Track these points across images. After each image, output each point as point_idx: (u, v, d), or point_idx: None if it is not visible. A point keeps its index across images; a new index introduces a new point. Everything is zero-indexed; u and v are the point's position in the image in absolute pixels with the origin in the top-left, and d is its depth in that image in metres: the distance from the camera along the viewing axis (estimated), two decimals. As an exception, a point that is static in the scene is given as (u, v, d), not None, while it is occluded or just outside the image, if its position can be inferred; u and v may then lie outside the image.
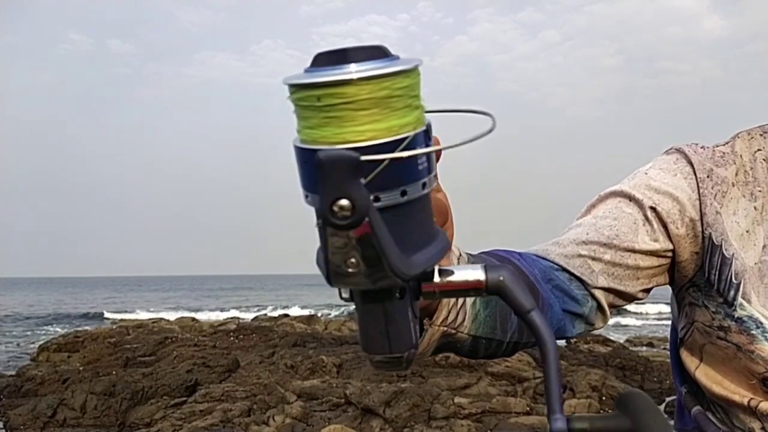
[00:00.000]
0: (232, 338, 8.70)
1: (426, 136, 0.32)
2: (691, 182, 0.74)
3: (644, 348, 10.35)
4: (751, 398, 0.74)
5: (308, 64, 0.31)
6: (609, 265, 0.71)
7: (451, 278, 0.35)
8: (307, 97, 0.30)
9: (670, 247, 0.73)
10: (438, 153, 0.35)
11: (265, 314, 15.92)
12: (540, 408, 5.38)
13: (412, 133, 0.31)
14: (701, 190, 0.73)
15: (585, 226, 0.73)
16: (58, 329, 15.41)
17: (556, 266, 0.70)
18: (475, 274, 0.35)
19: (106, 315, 20.80)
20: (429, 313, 0.49)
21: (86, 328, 12.20)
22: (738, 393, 0.74)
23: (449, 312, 0.50)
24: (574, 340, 8.43)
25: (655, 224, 0.72)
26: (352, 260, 0.30)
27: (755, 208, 0.73)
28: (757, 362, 0.71)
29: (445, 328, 0.50)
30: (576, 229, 0.74)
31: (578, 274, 0.70)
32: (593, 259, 0.70)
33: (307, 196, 0.31)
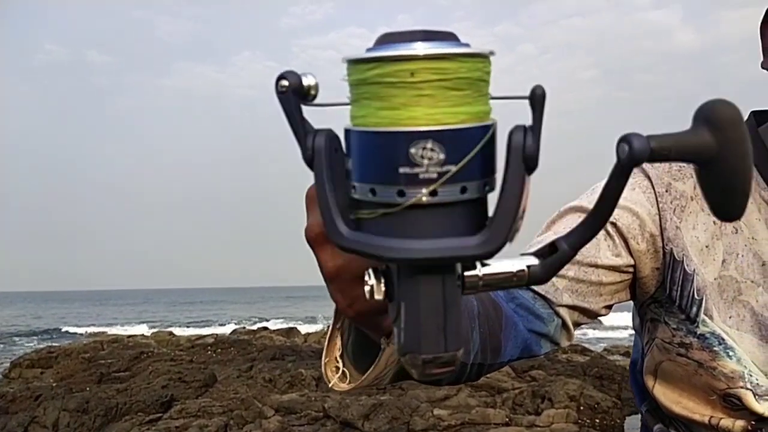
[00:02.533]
0: (209, 352, 8.59)
1: None
2: (650, 197, 0.73)
3: (621, 357, 10.43)
4: (711, 416, 0.74)
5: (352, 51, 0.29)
6: (573, 282, 0.70)
7: (492, 269, 0.33)
8: (397, 71, 0.27)
9: (632, 262, 0.72)
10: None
11: (244, 327, 15.74)
12: (519, 419, 5.38)
13: (495, 122, 0.29)
14: (660, 205, 0.73)
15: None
16: (32, 344, 15.05)
17: None
18: (517, 263, 0.33)
19: (75, 330, 20.28)
20: (387, 332, 0.47)
21: (57, 344, 11.94)
22: (698, 412, 0.74)
23: None
24: (553, 350, 8.44)
25: (617, 239, 0.72)
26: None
27: (714, 222, 0.73)
28: (719, 379, 0.71)
29: None
30: (537, 246, 0.73)
31: (542, 293, 0.69)
32: (557, 276, 0.70)
33: (373, 190, 0.29)
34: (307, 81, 0.31)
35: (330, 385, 0.48)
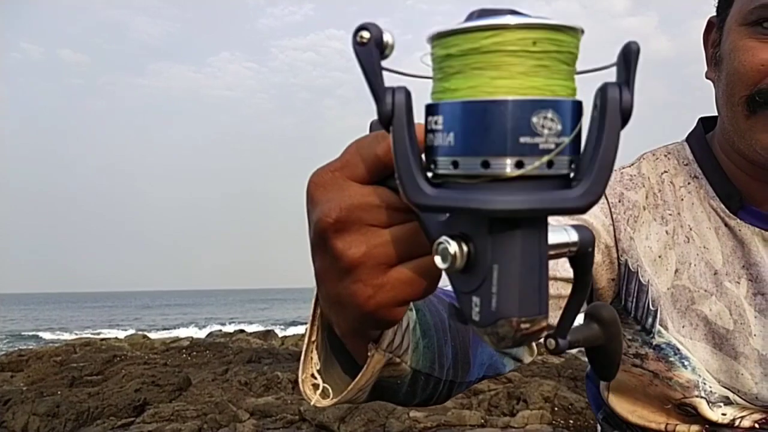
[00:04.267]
0: (184, 355, 8.49)
1: None
2: (603, 208, 0.73)
3: (596, 359, 10.50)
4: (667, 423, 0.74)
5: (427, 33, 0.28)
6: None
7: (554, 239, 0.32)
8: (520, 40, 0.27)
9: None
10: None
11: (220, 330, 15.58)
12: (494, 420, 5.41)
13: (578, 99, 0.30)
14: (614, 216, 0.73)
15: None
16: (1, 347, 14.72)
17: None
18: (567, 235, 0.32)
19: (44, 336, 19.81)
20: (374, 337, 0.45)
21: (30, 346, 11.70)
22: (654, 420, 0.75)
23: (394, 334, 0.46)
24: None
25: None
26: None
27: (666, 231, 0.73)
28: (674, 389, 0.71)
29: (390, 355, 0.46)
30: None
31: None
32: None
33: (486, 163, 0.28)
34: (386, 37, 0.31)
35: (312, 403, 0.45)
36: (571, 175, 0.29)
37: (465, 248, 0.30)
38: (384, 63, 0.31)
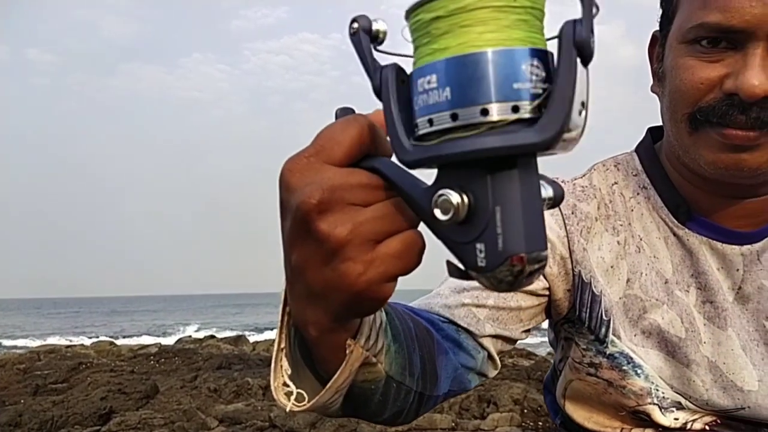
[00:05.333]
0: (152, 362, 8.35)
1: None
2: (558, 219, 0.74)
3: (565, 361, 10.62)
4: (623, 428, 0.76)
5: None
6: (494, 310, 0.70)
7: None
8: None
9: (547, 285, 0.73)
10: None
11: (190, 336, 15.36)
12: (465, 423, 5.44)
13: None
14: (568, 227, 0.74)
15: None
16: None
17: (442, 318, 0.68)
18: (545, 190, 0.35)
19: (6, 343, 19.21)
20: (353, 331, 0.45)
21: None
22: (610, 426, 0.76)
23: (370, 330, 0.46)
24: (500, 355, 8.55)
25: None
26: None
27: (618, 242, 0.75)
28: (628, 397, 0.73)
29: (367, 354, 0.46)
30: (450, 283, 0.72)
31: (465, 325, 0.68)
32: (477, 306, 0.69)
33: (485, 110, 0.30)
34: (376, 26, 0.35)
35: (288, 409, 0.44)
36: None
37: (465, 198, 0.32)
38: (385, 47, 0.35)
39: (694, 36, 0.65)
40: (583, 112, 0.31)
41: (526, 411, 5.96)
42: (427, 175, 0.36)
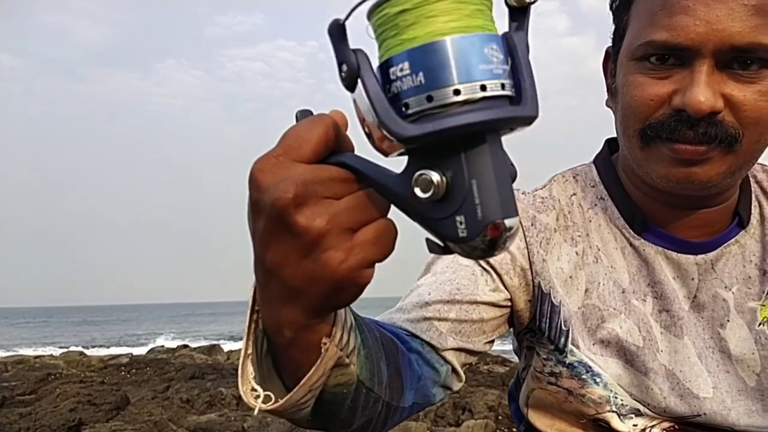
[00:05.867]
0: (123, 373, 8.21)
1: None
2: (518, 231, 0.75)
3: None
4: None
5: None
6: (456, 323, 0.70)
7: None
8: None
9: (508, 296, 0.74)
10: None
11: (162, 346, 15.12)
12: (440, 430, 5.44)
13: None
14: (528, 239, 0.74)
15: (426, 286, 0.72)
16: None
17: (406, 332, 0.68)
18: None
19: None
20: (327, 332, 0.45)
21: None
22: None
23: (343, 330, 0.46)
24: (475, 362, 8.60)
25: (492, 275, 0.72)
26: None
27: (576, 253, 0.75)
28: (588, 405, 0.74)
29: (341, 353, 0.46)
30: (417, 290, 0.72)
31: (428, 339, 0.68)
32: (439, 319, 0.69)
33: (456, 91, 0.33)
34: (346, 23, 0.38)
35: (256, 412, 0.44)
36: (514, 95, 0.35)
37: (443, 176, 0.35)
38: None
39: (643, 53, 0.67)
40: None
41: (500, 418, 5.99)
42: (392, 164, 0.38)
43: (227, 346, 14.27)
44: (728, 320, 0.74)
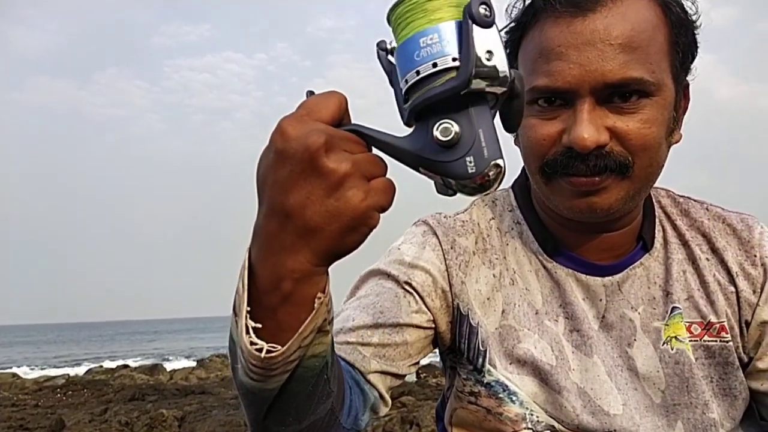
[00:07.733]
0: (59, 395, 7.86)
1: None
2: (438, 254, 0.78)
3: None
4: None
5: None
6: (379, 347, 0.72)
7: None
8: None
9: (431, 317, 0.77)
10: None
11: (101, 366, 14.52)
12: (386, 447, 5.44)
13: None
14: (448, 262, 0.78)
15: (350, 310, 0.75)
16: None
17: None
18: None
19: None
20: (321, 288, 0.48)
21: None
22: None
23: (330, 296, 0.49)
24: (424, 375, 8.62)
25: (416, 297, 0.76)
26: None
27: (494, 275, 0.79)
28: (505, 423, 0.77)
29: (327, 316, 0.49)
30: (342, 314, 0.75)
31: (352, 361, 0.71)
32: (362, 344, 0.72)
33: (434, 63, 0.44)
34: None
35: (262, 355, 0.47)
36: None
37: (456, 126, 0.44)
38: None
39: (530, 98, 0.72)
40: (492, 57, 0.44)
41: (446, 432, 6.03)
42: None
43: (170, 364, 13.82)
44: (635, 339, 0.78)
